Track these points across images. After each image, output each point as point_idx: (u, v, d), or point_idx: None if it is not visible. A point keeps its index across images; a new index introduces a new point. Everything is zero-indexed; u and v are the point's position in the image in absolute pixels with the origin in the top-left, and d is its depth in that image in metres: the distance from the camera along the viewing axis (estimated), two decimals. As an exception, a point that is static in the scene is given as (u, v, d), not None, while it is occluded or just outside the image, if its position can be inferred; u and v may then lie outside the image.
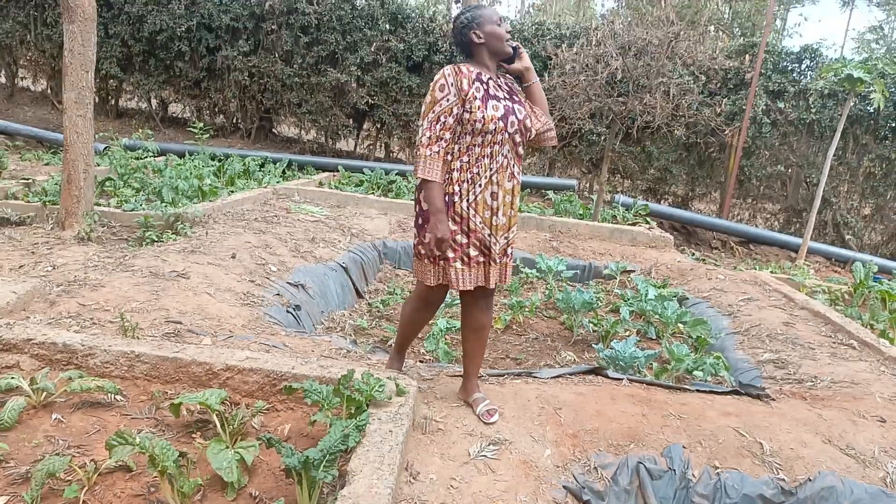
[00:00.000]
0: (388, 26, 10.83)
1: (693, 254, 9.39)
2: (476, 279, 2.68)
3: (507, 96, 2.69)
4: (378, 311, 5.15)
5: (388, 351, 3.50)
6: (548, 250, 6.91)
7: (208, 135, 9.38)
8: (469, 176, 2.61)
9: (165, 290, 3.83)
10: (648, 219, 9.28)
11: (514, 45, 2.74)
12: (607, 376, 3.45)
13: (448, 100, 2.55)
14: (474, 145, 2.60)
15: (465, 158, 2.60)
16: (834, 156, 8.99)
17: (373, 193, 8.69)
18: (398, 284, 5.90)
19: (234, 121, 12.23)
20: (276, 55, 11.00)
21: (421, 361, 3.85)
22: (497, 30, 2.67)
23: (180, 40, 10.92)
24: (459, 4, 18.51)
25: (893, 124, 10.75)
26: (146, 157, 8.03)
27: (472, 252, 2.64)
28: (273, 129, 12.78)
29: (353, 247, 5.94)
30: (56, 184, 5.80)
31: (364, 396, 2.51)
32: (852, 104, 8.97)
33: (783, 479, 2.71)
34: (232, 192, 7.26)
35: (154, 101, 12.42)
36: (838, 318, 4.85)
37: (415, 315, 2.96)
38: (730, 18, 18.90)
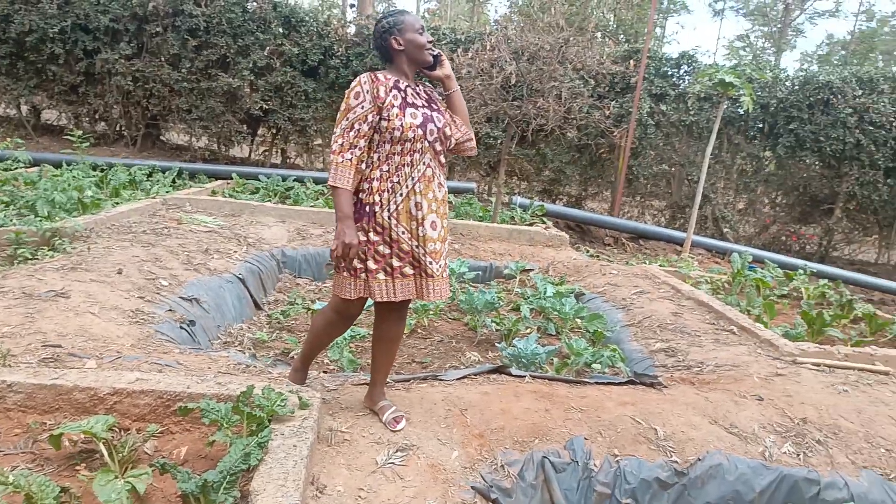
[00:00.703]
0: (281, 30, 10.57)
1: (588, 251, 9.78)
2: (404, 291, 2.62)
3: (426, 104, 2.68)
4: (278, 323, 5.01)
5: (291, 363, 3.40)
6: (450, 253, 6.98)
7: (88, 143, 8.80)
8: (389, 185, 2.56)
9: (42, 311, 3.55)
10: (545, 219, 9.58)
11: (435, 54, 2.73)
12: (511, 374, 3.53)
13: (362, 107, 2.51)
14: (394, 154, 2.56)
15: (385, 167, 2.56)
16: (711, 155, 9.64)
17: (269, 201, 8.45)
18: (299, 294, 5.77)
19: (118, 128, 11.53)
20: (163, 59, 10.47)
21: (325, 372, 3.77)
22: (418, 38, 2.64)
23: (53, 42, 10.16)
24: (355, 9, 18.37)
25: (761, 125, 11.68)
26: (16, 167, 7.42)
27: (396, 262, 2.59)
28: (161, 137, 12.16)
29: (249, 257, 5.75)
30: None
31: (265, 412, 2.43)
32: (725, 107, 9.66)
33: (676, 461, 2.87)
34: (117, 203, 6.83)
35: (25, 108, 11.50)
36: (720, 306, 5.19)
37: (328, 329, 2.86)
38: (615, 26, 19.86)
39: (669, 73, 11.54)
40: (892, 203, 11.22)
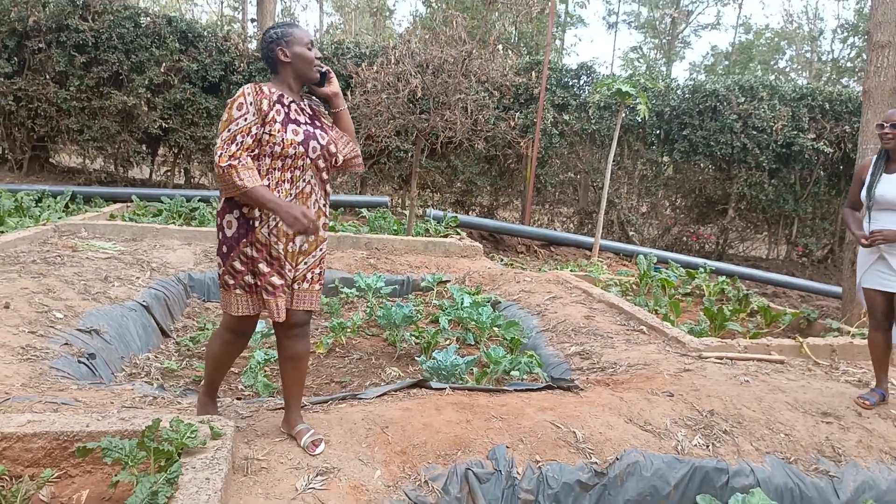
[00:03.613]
0: (178, 45, 10.18)
1: (502, 260, 9.94)
2: (282, 309, 2.56)
3: (310, 121, 2.63)
4: (188, 350, 4.79)
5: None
6: (366, 268, 6.91)
7: (-34, 168, 8.15)
8: None
9: (-84, 354, 3.23)
10: (459, 230, 9.67)
11: (323, 70, 2.67)
12: (431, 387, 3.51)
13: (246, 119, 2.44)
14: (274, 169, 2.51)
15: (266, 182, 2.49)
16: (613, 161, 10.04)
17: (173, 223, 8.10)
18: (209, 319, 5.54)
19: (0, 151, 10.75)
20: (48, 77, 9.86)
21: (238, 399, 3.63)
22: (306, 53, 2.59)
23: (-80, 60, 9.39)
24: (256, 24, 17.97)
25: (658, 132, 12.28)
26: None
27: (277, 281, 2.53)
28: (51, 160, 11.43)
29: (154, 283, 5.47)
30: None
31: (174, 445, 2.30)
32: (624, 115, 10.11)
33: (595, 463, 2.93)
34: (1, 232, 6.35)
35: None
36: (629, 307, 5.39)
37: (224, 349, 2.73)
38: (516, 38, 20.39)
39: (570, 83, 11.95)
40: (777, 202, 12.06)
